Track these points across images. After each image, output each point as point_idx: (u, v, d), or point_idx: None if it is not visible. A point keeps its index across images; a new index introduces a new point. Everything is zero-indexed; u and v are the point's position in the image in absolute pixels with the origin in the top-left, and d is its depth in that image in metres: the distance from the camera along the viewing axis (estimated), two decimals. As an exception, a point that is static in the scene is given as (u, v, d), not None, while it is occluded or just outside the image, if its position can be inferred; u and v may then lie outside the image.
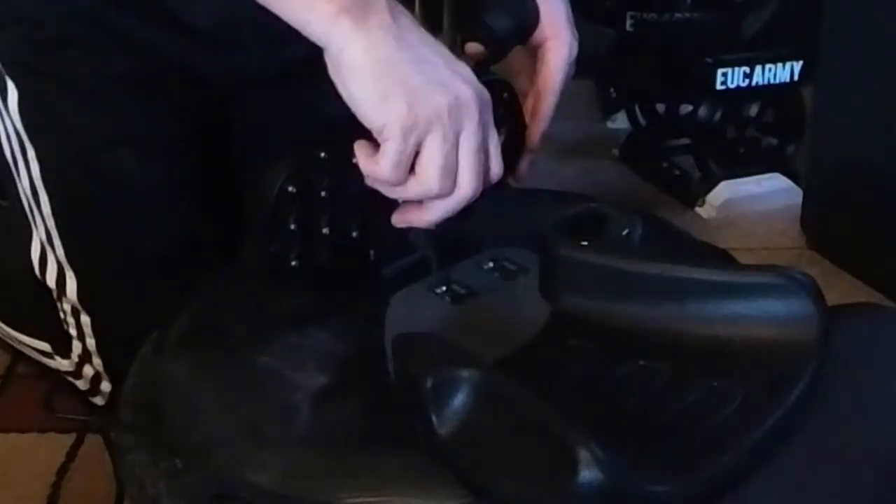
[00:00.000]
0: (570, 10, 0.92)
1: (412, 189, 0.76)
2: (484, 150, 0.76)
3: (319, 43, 0.75)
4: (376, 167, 0.75)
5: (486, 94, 0.76)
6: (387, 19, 0.74)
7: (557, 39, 0.90)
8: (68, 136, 1.01)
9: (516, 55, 0.92)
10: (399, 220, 0.79)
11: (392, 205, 0.79)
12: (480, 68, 0.83)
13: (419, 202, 0.78)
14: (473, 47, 0.87)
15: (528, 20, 0.89)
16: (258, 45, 1.01)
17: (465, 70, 0.76)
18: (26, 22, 0.99)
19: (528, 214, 0.87)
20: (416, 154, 0.74)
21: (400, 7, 0.75)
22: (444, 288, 0.82)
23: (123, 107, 1.01)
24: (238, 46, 1.02)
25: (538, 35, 0.90)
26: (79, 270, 1.03)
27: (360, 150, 0.76)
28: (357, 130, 0.78)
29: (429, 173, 0.74)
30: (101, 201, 1.02)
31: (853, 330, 0.74)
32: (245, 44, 1.02)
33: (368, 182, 0.77)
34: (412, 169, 0.75)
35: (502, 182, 0.89)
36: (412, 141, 0.73)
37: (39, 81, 1.01)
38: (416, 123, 0.73)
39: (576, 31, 0.92)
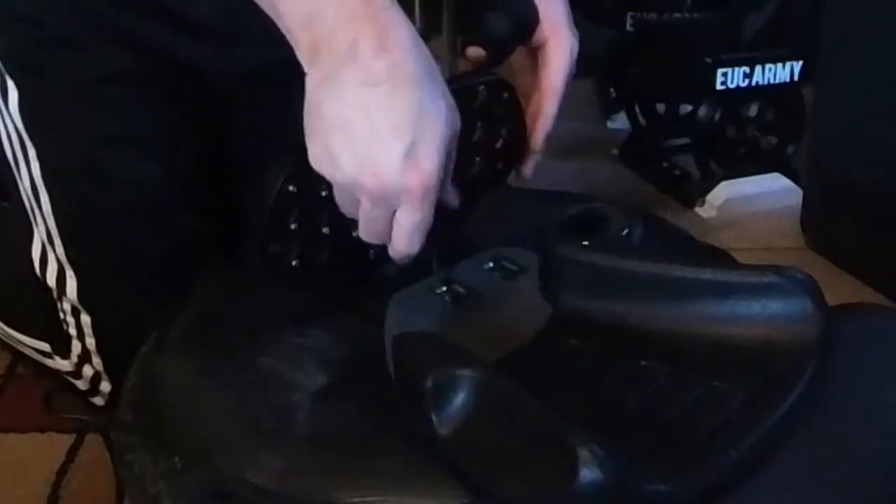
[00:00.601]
0: (568, 9, 0.92)
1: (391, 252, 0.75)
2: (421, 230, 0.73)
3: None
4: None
5: (429, 180, 0.69)
6: (333, 64, 0.68)
7: (558, 40, 0.90)
8: (69, 136, 1.01)
9: (516, 55, 0.92)
10: (394, 253, 0.77)
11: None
12: (481, 71, 0.83)
13: None
14: (474, 51, 0.86)
15: (528, 22, 0.89)
16: (261, 38, 1.01)
17: (453, 105, 0.69)
18: (26, 21, 0.99)
19: (528, 214, 0.87)
20: None
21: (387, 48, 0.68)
22: (444, 288, 0.82)
23: (124, 106, 1.01)
24: (241, 40, 1.02)
25: (538, 35, 0.90)
26: (79, 270, 1.03)
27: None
28: None
29: (402, 242, 0.73)
30: (101, 200, 1.02)
31: (853, 330, 0.74)
32: (248, 37, 1.02)
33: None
34: None
35: (503, 182, 0.89)
36: (381, 209, 0.71)
37: (40, 81, 1.01)
38: (383, 197, 0.70)
39: (575, 31, 0.91)
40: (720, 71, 1.55)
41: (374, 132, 0.68)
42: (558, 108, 0.88)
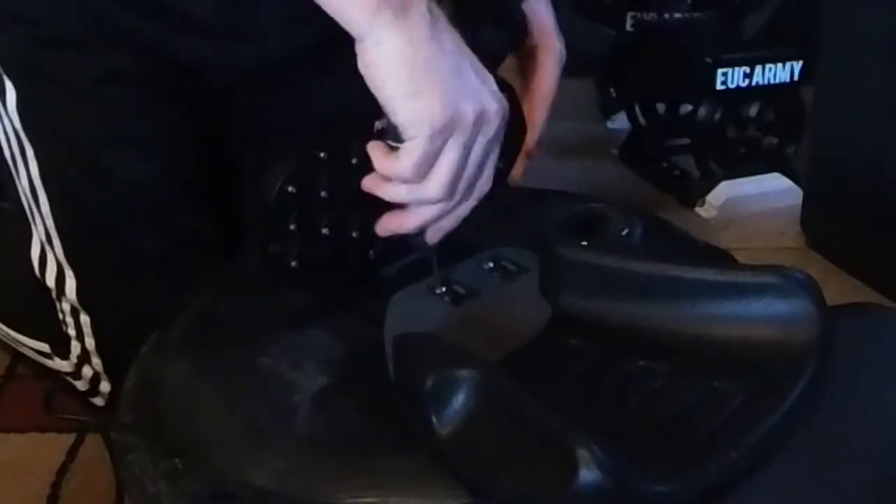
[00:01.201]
0: (554, 16, 0.93)
1: (415, 192, 0.76)
2: (483, 166, 0.76)
3: (354, 32, 0.74)
4: (396, 164, 0.74)
5: (506, 110, 0.76)
6: (427, 18, 0.73)
7: (547, 46, 0.91)
8: (67, 136, 1.01)
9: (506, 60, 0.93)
10: (383, 228, 0.79)
11: (392, 206, 0.79)
12: None
13: (401, 208, 0.77)
14: None
15: (518, 31, 0.89)
16: (262, 36, 1.02)
17: (492, 82, 0.76)
18: (24, 21, 0.99)
19: (528, 214, 0.87)
20: None
21: (438, 9, 0.75)
22: (444, 288, 0.82)
23: (123, 106, 1.01)
24: (241, 38, 1.02)
25: (528, 42, 0.91)
26: (78, 270, 1.03)
27: (375, 148, 0.76)
28: (357, 131, 0.78)
29: (440, 180, 0.74)
30: (100, 200, 1.02)
31: (853, 330, 0.74)
32: (248, 36, 1.02)
33: (368, 183, 0.77)
34: None
35: (502, 182, 0.89)
36: (439, 142, 0.73)
37: (38, 81, 1.00)
38: (446, 126, 0.72)
39: (562, 36, 0.93)
40: (720, 71, 1.55)
41: (477, 69, 0.75)
42: (548, 112, 0.89)
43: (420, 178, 0.74)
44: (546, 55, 0.91)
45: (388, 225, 0.79)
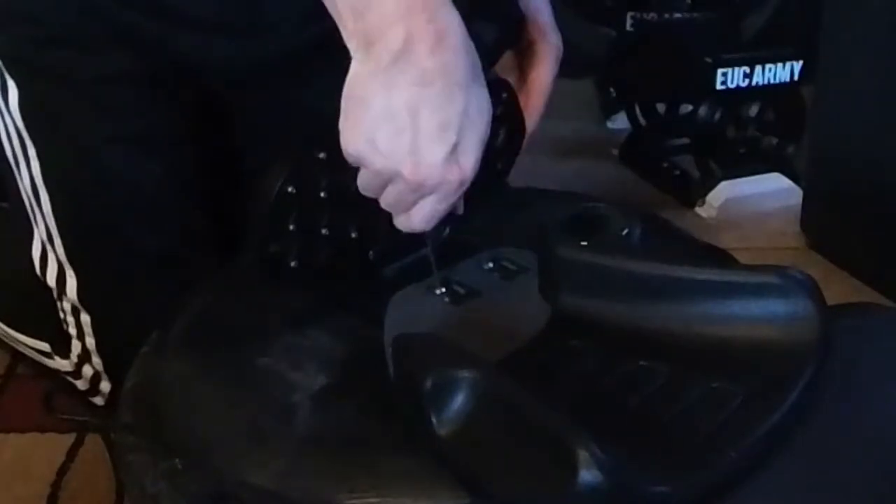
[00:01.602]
0: (552, 11, 0.93)
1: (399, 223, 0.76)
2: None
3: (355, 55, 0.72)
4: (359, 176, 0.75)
5: (465, 176, 0.72)
6: (388, 61, 0.69)
7: (544, 42, 0.91)
8: (68, 135, 1.01)
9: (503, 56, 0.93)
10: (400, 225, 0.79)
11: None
12: None
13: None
14: None
15: (515, 27, 0.89)
16: (262, 36, 1.02)
17: (470, 145, 0.71)
18: (27, 20, 0.99)
19: (528, 214, 0.87)
20: None
21: (428, 56, 0.69)
22: (443, 288, 0.82)
23: (124, 105, 1.01)
24: (242, 37, 1.02)
25: (524, 38, 0.91)
26: (79, 269, 1.03)
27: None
28: None
29: (416, 223, 0.75)
30: (101, 200, 1.02)
31: (853, 330, 0.74)
32: (249, 35, 1.02)
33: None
34: None
35: (502, 182, 0.89)
36: (379, 180, 0.73)
37: (40, 80, 1.01)
38: (379, 172, 0.72)
39: (559, 32, 0.93)
40: (720, 71, 1.55)
41: (422, 129, 0.70)
42: (544, 108, 0.89)
43: (375, 192, 0.75)
44: (543, 50, 0.91)
45: (405, 226, 0.78)
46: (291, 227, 0.79)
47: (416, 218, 0.75)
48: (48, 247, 1.04)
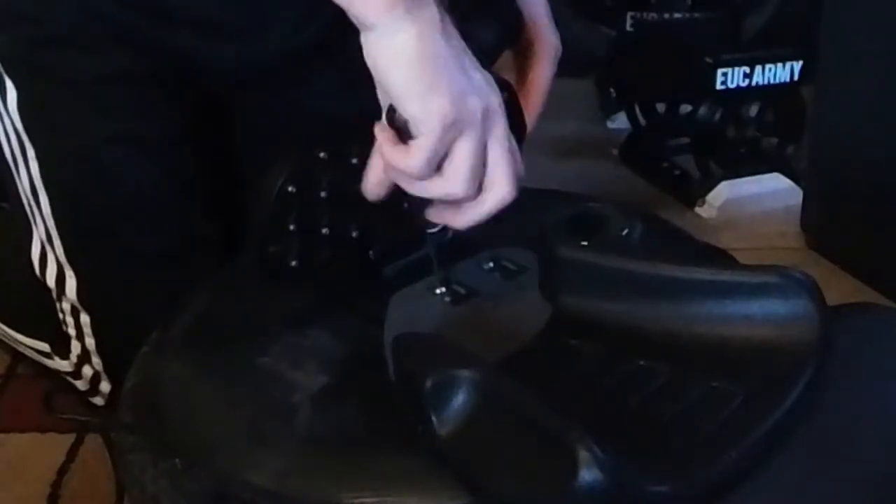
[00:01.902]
0: (550, 12, 0.93)
1: (436, 187, 0.75)
2: (505, 156, 0.76)
3: (365, 23, 0.73)
4: (408, 159, 0.73)
5: (503, 106, 0.76)
6: (437, 15, 0.73)
7: (542, 42, 0.91)
8: (67, 135, 1.01)
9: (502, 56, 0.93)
10: (436, 216, 0.79)
11: (392, 206, 0.79)
12: None
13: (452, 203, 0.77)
14: None
15: (513, 28, 0.89)
16: (262, 35, 1.02)
17: (492, 80, 0.76)
18: (25, 20, 0.99)
19: (528, 214, 0.87)
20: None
21: (443, 10, 0.75)
22: (443, 289, 0.82)
23: (122, 105, 1.01)
24: (242, 37, 1.02)
25: (522, 39, 0.91)
26: (78, 269, 1.03)
27: (385, 137, 0.75)
28: (357, 131, 0.78)
29: (459, 174, 0.74)
30: (100, 200, 1.02)
31: (853, 330, 0.74)
32: (249, 34, 1.02)
33: (389, 173, 0.76)
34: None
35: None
36: (449, 138, 0.73)
37: (38, 80, 1.01)
38: (456, 121, 0.72)
39: (557, 32, 0.93)
40: (720, 71, 1.55)
41: (476, 65, 0.75)
42: (542, 107, 0.89)
43: (429, 173, 0.74)
44: (541, 51, 0.91)
45: (440, 216, 0.78)
46: (291, 227, 0.79)
47: (460, 171, 0.74)
48: (47, 247, 1.04)
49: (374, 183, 0.78)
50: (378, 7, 0.73)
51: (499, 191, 0.75)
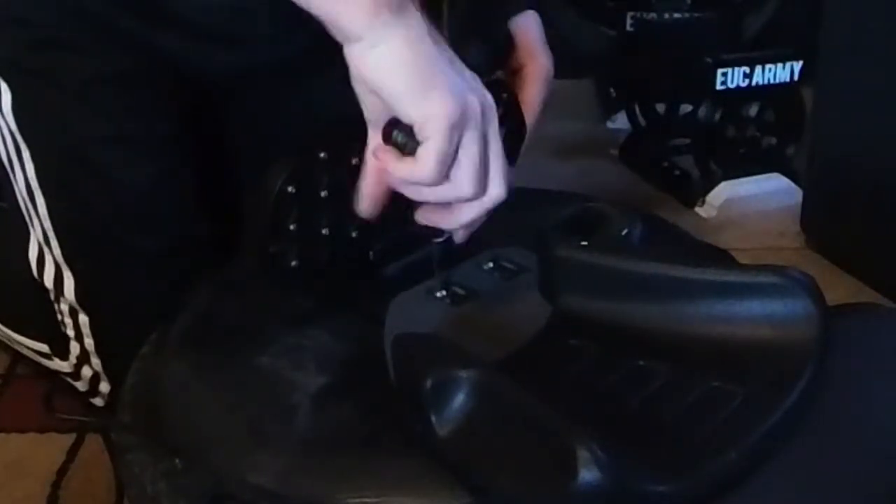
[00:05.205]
0: (542, 30, 0.93)
1: (444, 192, 0.75)
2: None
3: (351, 35, 0.73)
4: (417, 168, 0.73)
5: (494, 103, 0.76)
6: (420, 17, 0.73)
7: (534, 65, 0.91)
8: (62, 136, 1.01)
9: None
10: (425, 218, 0.78)
11: (393, 206, 0.79)
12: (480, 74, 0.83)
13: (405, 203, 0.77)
14: None
15: (502, 49, 0.89)
16: (258, 37, 1.02)
17: (476, 77, 0.76)
18: (18, 22, 0.99)
19: (528, 214, 0.87)
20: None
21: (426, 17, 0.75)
22: (443, 291, 0.82)
23: (116, 106, 1.01)
24: (237, 39, 1.02)
25: (515, 60, 0.91)
26: (76, 270, 1.03)
27: (387, 157, 0.75)
28: (357, 131, 0.78)
29: (467, 175, 0.73)
30: (96, 201, 1.02)
31: (853, 330, 0.74)
32: (244, 36, 1.02)
33: (395, 183, 0.76)
34: None
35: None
36: (456, 138, 0.72)
37: (32, 82, 1.00)
38: (460, 120, 0.72)
39: (550, 52, 0.92)
40: (720, 71, 1.55)
41: (461, 65, 0.74)
42: (534, 128, 0.89)
43: (442, 177, 0.73)
44: (532, 73, 0.91)
45: (430, 217, 0.78)
46: (291, 227, 0.79)
47: (466, 171, 0.74)
48: (45, 248, 1.04)
49: (368, 203, 0.78)
50: (364, 15, 0.72)
51: (494, 189, 0.75)
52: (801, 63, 1.58)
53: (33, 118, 1.01)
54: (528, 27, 0.91)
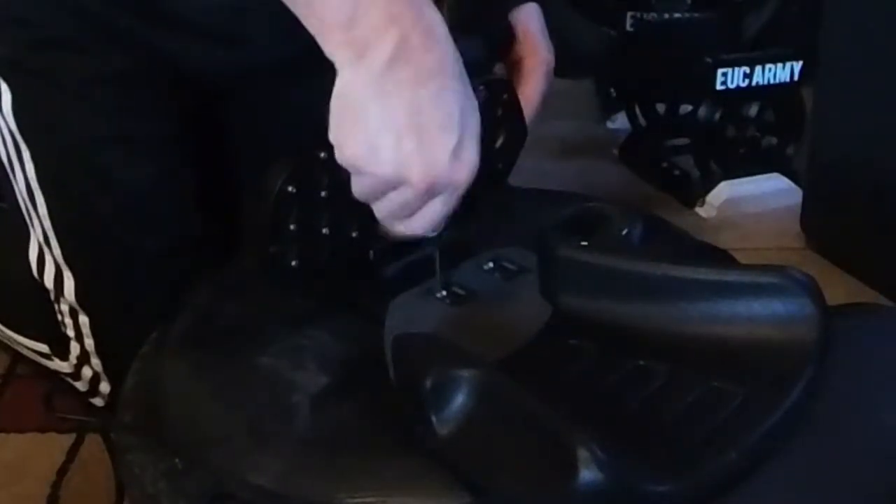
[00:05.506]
0: (544, 22, 0.92)
1: (384, 206, 0.76)
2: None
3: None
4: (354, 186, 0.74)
5: (475, 167, 0.72)
6: (382, 68, 0.69)
7: (534, 57, 0.91)
8: (62, 136, 1.01)
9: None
10: (387, 231, 0.79)
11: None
12: (481, 72, 0.83)
13: None
14: None
15: (502, 42, 0.89)
16: (258, 38, 1.02)
17: (469, 141, 0.71)
18: (18, 22, 0.99)
19: (528, 214, 0.87)
20: None
21: (417, 57, 0.69)
22: (444, 292, 0.82)
23: (116, 106, 1.01)
24: (237, 40, 1.02)
25: (515, 53, 0.91)
26: (76, 270, 1.03)
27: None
28: None
29: (427, 222, 0.75)
30: (96, 201, 1.02)
31: (853, 330, 0.74)
32: (244, 37, 1.02)
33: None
34: None
35: (502, 182, 0.89)
36: (379, 191, 0.73)
37: (32, 82, 1.00)
38: (387, 181, 0.71)
39: (551, 44, 0.92)
40: (720, 71, 1.55)
41: (426, 130, 0.69)
42: (533, 121, 0.89)
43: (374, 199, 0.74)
44: (533, 65, 0.90)
45: (390, 229, 0.78)
46: (291, 227, 0.79)
47: (420, 222, 0.74)
48: (45, 248, 1.04)
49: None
50: (328, 46, 0.71)
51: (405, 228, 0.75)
52: (801, 63, 1.58)
53: (33, 118, 1.01)
54: (528, 19, 0.91)
